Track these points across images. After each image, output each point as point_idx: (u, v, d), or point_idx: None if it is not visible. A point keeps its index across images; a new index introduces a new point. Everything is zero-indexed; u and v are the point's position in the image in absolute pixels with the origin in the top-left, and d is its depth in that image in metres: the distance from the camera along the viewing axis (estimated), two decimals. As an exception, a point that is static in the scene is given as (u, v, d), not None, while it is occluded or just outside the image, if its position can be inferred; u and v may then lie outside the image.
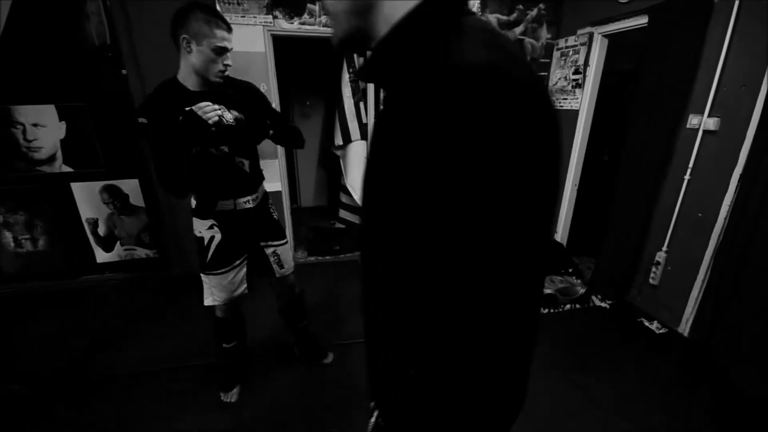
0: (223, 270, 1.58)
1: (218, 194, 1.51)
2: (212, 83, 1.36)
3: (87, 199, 2.77)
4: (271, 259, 1.73)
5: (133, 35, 2.50)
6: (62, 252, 2.85)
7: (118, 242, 2.94)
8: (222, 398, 1.84)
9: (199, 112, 1.24)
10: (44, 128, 2.56)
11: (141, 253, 3.00)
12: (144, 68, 2.56)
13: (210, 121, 1.25)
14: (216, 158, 1.45)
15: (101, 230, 2.87)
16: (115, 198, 2.81)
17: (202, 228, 1.55)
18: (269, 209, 1.74)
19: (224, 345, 1.80)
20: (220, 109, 1.28)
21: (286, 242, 1.78)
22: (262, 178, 1.67)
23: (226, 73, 1.38)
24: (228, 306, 1.68)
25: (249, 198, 1.57)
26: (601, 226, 2.85)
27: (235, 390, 1.86)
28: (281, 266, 1.76)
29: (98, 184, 2.76)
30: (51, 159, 2.63)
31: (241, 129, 1.40)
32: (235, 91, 1.47)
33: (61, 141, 2.61)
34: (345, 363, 2.10)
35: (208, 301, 1.62)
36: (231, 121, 1.33)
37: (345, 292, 2.86)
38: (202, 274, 1.59)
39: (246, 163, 1.56)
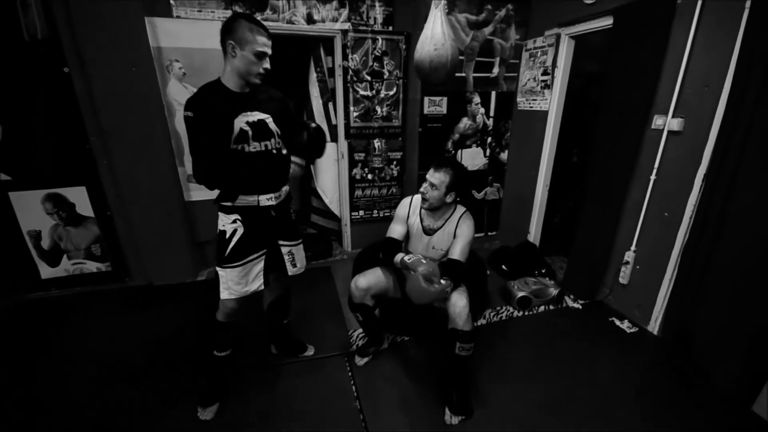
0: (239, 263, 1.59)
1: (247, 188, 1.57)
2: (252, 85, 1.47)
3: (28, 210, 2.52)
4: (286, 258, 1.78)
5: (75, 31, 2.28)
6: (0, 268, 2.59)
7: (65, 256, 2.70)
8: (198, 414, 1.71)
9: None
10: (-26, 132, 2.30)
11: (91, 266, 2.77)
12: (89, 66, 2.35)
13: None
14: (261, 156, 1.54)
15: (45, 243, 2.62)
16: (59, 207, 2.58)
17: (226, 222, 1.58)
18: (290, 210, 1.80)
19: (216, 353, 1.72)
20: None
21: (301, 242, 1.86)
22: (287, 180, 1.72)
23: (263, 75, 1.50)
24: (237, 306, 1.66)
25: (272, 195, 1.63)
26: (573, 226, 2.86)
27: (214, 407, 1.74)
28: (294, 265, 1.82)
29: (40, 193, 2.51)
30: (-17, 166, 2.38)
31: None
32: (269, 97, 1.57)
33: (-5, 146, 2.35)
34: (329, 371, 2.00)
35: (224, 295, 1.62)
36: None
37: (318, 300, 2.73)
38: (218, 268, 1.61)
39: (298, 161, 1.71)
